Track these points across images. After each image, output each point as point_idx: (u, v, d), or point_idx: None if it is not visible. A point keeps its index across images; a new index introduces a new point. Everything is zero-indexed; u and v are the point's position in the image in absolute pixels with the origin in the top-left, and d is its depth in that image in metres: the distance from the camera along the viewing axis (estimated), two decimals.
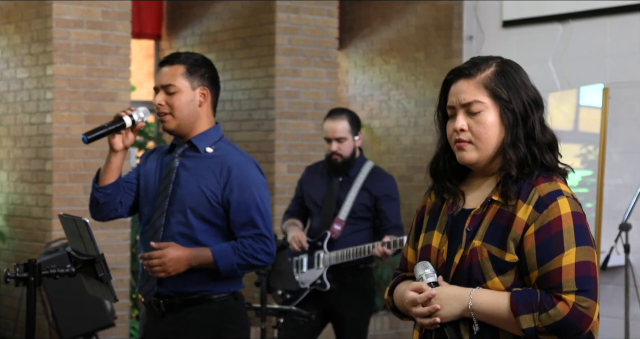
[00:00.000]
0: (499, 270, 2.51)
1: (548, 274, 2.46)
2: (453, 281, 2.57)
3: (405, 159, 8.77)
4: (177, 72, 3.81)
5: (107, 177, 3.82)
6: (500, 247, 2.51)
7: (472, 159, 2.58)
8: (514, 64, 2.64)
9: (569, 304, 2.43)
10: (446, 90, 2.65)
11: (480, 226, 2.56)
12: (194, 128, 3.86)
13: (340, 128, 5.43)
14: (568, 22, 7.53)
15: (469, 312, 2.51)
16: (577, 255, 2.46)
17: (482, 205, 2.58)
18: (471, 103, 2.57)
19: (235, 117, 8.03)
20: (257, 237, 3.79)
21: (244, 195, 3.78)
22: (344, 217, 5.45)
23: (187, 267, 3.74)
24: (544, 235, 2.48)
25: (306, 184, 5.66)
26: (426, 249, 2.66)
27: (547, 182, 2.54)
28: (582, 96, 7.41)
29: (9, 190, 7.32)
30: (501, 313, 2.48)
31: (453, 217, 2.63)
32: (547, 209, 2.49)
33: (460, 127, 2.57)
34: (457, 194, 2.65)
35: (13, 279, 3.11)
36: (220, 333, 3.80)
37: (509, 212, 2.53)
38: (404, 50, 8.76)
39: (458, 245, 2.58)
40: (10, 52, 7.29)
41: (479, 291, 2.51)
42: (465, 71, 2.60)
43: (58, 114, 6.89)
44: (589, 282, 2.45)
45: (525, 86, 2.60)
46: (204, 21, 8.36)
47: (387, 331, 8.05)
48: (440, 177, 2.68)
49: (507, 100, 2.56)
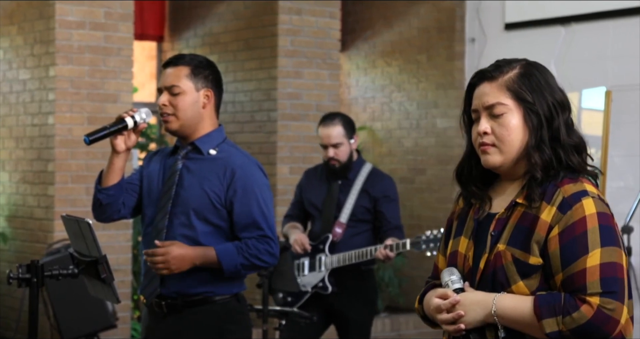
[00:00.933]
0: (523, 274, 2.47)
1: (572, 276, 2.42)
2: (479, 286, 2.54)
3: (406, 161, 8.77)
4: (182, 73, 3.82)
5: (110, 178, 3.83)
6: (523, 250, 2.48)
7: (496, 162, 2.55)
8: (540, 66, 2.61)
9: (593, 307, 2.38)
10: (470, 94, 2.63)
11: (505, 230, 2.53)
12: (197, 129, 3.86)
13: (335, 134, 5.40)
14: (570, 25, 7.53)
15: (493, 317, 2.48)
16: (602, 256, 2.41)
17: (506, 209, 2.55)
18: (494, 105, 2.54)
19: (237, 118, 8.03)
20: (261, 239, 3.79)
21: (247, 197, 3.78)
22: (345, 220, 5.44)
23: (190, 266, 3.74)
24: (567, 236, 2.44)
25: (305, 188, 5.65)
26: (453, 255, 2.64)
27: (572, 183, 2.50)
28: (584, 99, 7.41)
29: (11, 191, 7.32)
30: (525, 318, 2.44)
31: (479, 222, 2.61)
32: (571, 210, 2.45)
33: (484, 130, 2.55)
34: (484, 199, 2.62)
35: (16, 280, 3.12)
36: (222, 334, 3.80)
37: (532, 214, 2.49)
38: (406, 53, 8.76)
39: (483, 250, 2.55)
40: (13, 53, 7.29)
41: (503, 296, 2.48)
42: (488, 74, 2.58)
43: (60, 115, 6.90)
44: (615, 283, 2.40)
45: (551, 87, 2.57)
46: (207, 23, 8.36)
47: (388, 333, 8.05)
48: (466, 182, 2.66)
49: (531, 102, 2.53)
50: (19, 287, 3.15)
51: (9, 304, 7.22)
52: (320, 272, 5.43)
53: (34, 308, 3.12)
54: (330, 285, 5.41)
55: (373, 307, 5.59)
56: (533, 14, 7.76)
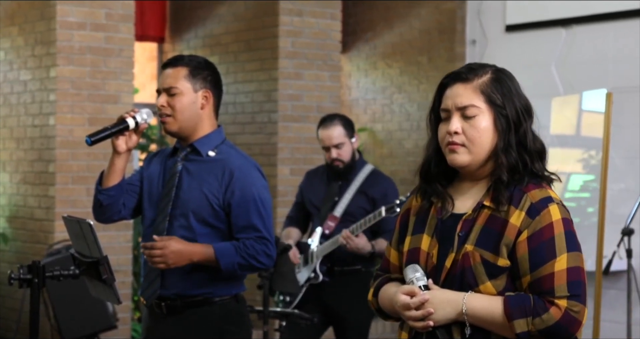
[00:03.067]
0: (491, 275, 2.55)
1: (540, 279, 2.51)
2: (444, 284, 2.60)
3: (407, 163, 8.77)
4: (180, 74, 3.82)
5: (111, 179, 3.83)
6: (493, 253, 2.55)
7: (464, 161, 2.62)
8: (508, 73, 2.70)
9: (561, 309, 2.48)
10: (441, 93, 2.69)
11: (472, 231, 2.59)
12: (195, 130, 3.85)
13: (336, 134, 5.39)
14: (571, 27, 7.53)
15: (463, 316, 2.54)
16: (568, 261, 2.52)
17: (473, 210, 2.62)
18: (467, 107, 2.61)
19: (238, 119, 8.03)
20: (259, 240, 3.79)
21: (245, 198, 3.78)
22: (339, 214, 5.44)
23: (187, 262, 3.74)
24: (536, 241, 2.53)
25: (306, 189, 5.65)
26: (414, 252, 2.68)
27: (537, 189, 2.59)
28: (584, 101, 7.41)
29: (12, 192, 7.32)
30: (495, 318, 2.52)
31: (442, 221, 2.66)
32: (539, 216, 2.54)
33: (455, 130, 2.61)
34: (445, 198, 2.68)
35: (17, 280, 3.12)
36: (222, 335, 3.80)
37: (501, 218, 2.57)
38: (407, 54, 8.76)
39: (449, 249, 2.61)
40: (14, 54, 7.30)
41: (472, 296, 2.55)
42: (463, 75, 2.65)
43: (61, 116, 6.90)
44: (579, 287, 2.51)
45: (519, 94, 2.65)
46: (207, 24, 8.37)
47: (388, 335, 8.05)
48: (431, 179, 2.73)
49: (501, 106, 2.61)
50: (20, 288, 3.15)
51: (9, 305, 7.22)
52: (312, 263, 5.43)
53: (35, 308, 3.12)
54: (322, 274, 5.40)
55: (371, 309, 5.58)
56: (534, 16, 7.76)
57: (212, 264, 3.75)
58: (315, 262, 5.43)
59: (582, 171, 7.31)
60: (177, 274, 3.79)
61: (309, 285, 5.46)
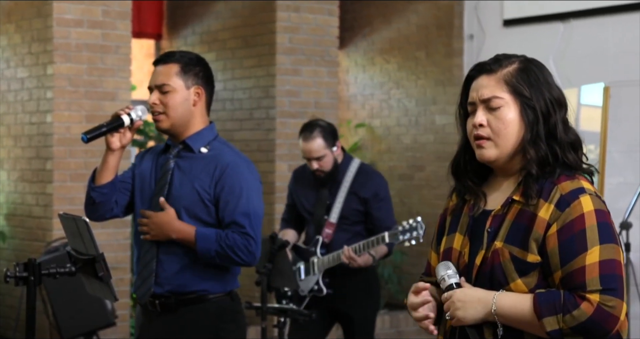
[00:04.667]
0: (521, 271, 2.46)
1: (571, 273, 2.41)
2: (476, 283, 2.52)
3: (405, 158, 8.76)
4: (172, 71, 3.80)
5: (104, 176, 3.82)
6: (521, 248, 2.46)
7: (492, 156, 2.54)
8: (538, 63, 2.60)
9: (593, 304, 2.37)
10: (468, 86, 2.62)
11: (502, 227, 2.51)
12: (188, 127, 3.84)
13: (315, 148, 5.31)
14: (569, 21, 7.52)
15: (493, 316, 2.46)
16: (601, 253, 2.40)
17: (502, 205, 2.54)
18: (491, 98, 2.53)
19: (235, 116, 8.02)
20: (243, 235, 3.77)
21: (233, 194, 3.77)
22: (335, 220, 5.40)
23: (166, 237, 3.76)
24: (566, 234, 2.43)
25: (296, 193, 5.61)
26: (448, 251, 2.62)
27: (569, 180, 2.49)
28: (583, 95, 7.40)
29: (10, 189, 7.31)
30: (525, 316, 2.43)
31: (474, 218, 2.59)
32: (569, 208, 2.44)
33: (480, 122, 2.53)
34: (478, 195, 2.61)
35: (13, 278, 3.11)
36: (216, 332, 3.80)
37: (530, 212, 2.48)
38: (405, 49, 8.75)
39: (479, 247, 2.54)
40: (11, 52, 7.29)
41: (502, 295, 2.46)
42: (487, 67, 2.58)
43: (58, 114, 6.89)
44: (615, 280, 2.39)
45: (549, 84, 2.56)
46: (205, 20, 8.36)
47: (387, 330, 8.05)
48: (462, 176, 2.65)
49: (528, 97, 2.52)
50: (16, 285, 3.14)
51: (8, 303, 7.22)
52: (314, 275, 5.41)
53: (31, 306, 3.11)
54: (325, 287, 5.39)
55: (377, 304, 5.58)
56: (531, 11, 7.75)
57: (190, 245, 3.75)
58: (318, 275, 5.40)
59: None
60: (170, 271, 3.79)
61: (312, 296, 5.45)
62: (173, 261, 3.81)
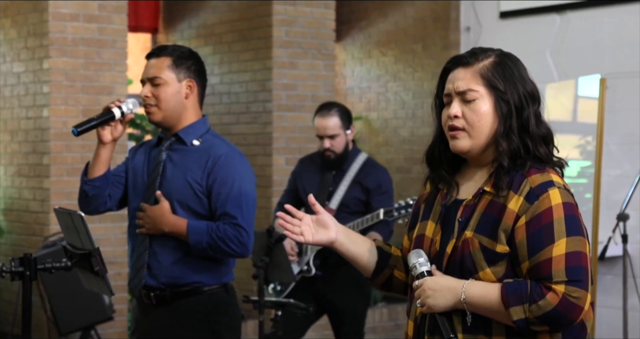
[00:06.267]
0: (490, 261, 2.52)
1: (538, 264, 2.47)
2: (446, 270, 2.59)
3: (403, 151, 8.76)
4: (164, 64, 3.83)
5: (96, 169, 3.84)
6: (491, 238, 2.53)
7: (465, 146, 2.60)
8: (513, 57, 2.66)
9: (558, 295, 2.44)
10: (444, 78, 2.68)
11: (472, 217, 2.58)
12: (180, 120, 3.86)
13: (331, 125, 5.37)
14: (565, 13, 7.51)
15: (462, 304, 2.53)
16: (567, 245, 2.47)
17: (474, 196, 2.60)
18: (466, 91, 2.59)
19: (232, 109, 8.01)
20: (234, 226, 3.78)
21: (225, 186, 3.79)
22: (335, 206, 5.43)
23: (160, 231, 3.79)
24: (534, 226, 2.49)
25: (300, 177, 5.64)
26: (420, 238, 2.69)
27: (539, 173, 2.56)
28: (580, 87, 7.39)
29: (7, 184, 7.31)
30: (493, 305, 2.49)
31: (446, 207, 2.66)
32: (538, 200, 2.50)
33: (455, 114, 2.59)
34: (451, 184, 2.67)
35: (9, 273, 3.11)
36: (211, 324, 3.82)
37: (500, 203, 2.54)
38: (402, 42, 8.74)
39: (450, 235, 2.60)
40: (7, 46, 7.28)
41: (472, 284, 2.52)
42: (464, 60, 2.63)
43: (55, 108, 6.88)
44: (580, 272, 2.46)
45: (523, 78, 2.62)
46: (201, 14, 8.34)
47: (385, 322, 8.05)
48: (436, 166, 2.71)
49: (502, 91, 2.58)
50: (12, 280, 3.14)
51: (6, 298, 7.22)
52: (306, 255, 5.42)
53: (27, 301, 3.11)
54: (315, 268, 5.39)
55: (367, 296, 5.58)
56: (528, 3, 7.74)
57: (182, 238, 3.77)
58: (309, 255, 5.42)
59: (579, 157, 7.30)
60: (164, 264, 3.81)
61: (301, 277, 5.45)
62: (167, 253, 3.82)
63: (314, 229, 2.78)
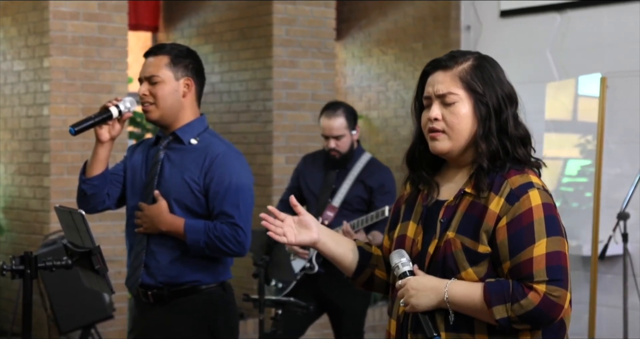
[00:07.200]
0: (472, 261, 2.57)
1: (520, 264, 2.52)
2: (428, 270, 2.62)
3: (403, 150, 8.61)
4: (161, 62, 3.83)
5: (94, 168, 3.84)
6: (473, 239, 2.57)
7: (445, 148, 2.64)
8: (491, 60, 2.71)
9: (539, 294, 2.48)
10: (424, 81, 2.73)
11: (454, 218, 2.62)
12: (177, 119, 3.86)
13: (337, 125, 5.38)
14: (566, 12, 7.51)
15: (445, 303, 2.56)
16: (547, 245, 2.52)
17: (455, 197, 2.64)
18: (446, 94, 2.64)
19: (232, 108, 8.01)
20: (231, 225, 3.78)
21: (222, 185, 3.79)
22: (338, 204, 5.44)
23: (157, 230, 3.79)
24: (515, 227, 2.54)
25: (303, 175, 5.64)
26: (401, 238, 2.72)
27: (519, 174, 2.60)
28: (580, 86, 7.39)
29: (7, 183, 7.31)
30: (475, 304, 2.53)
31: (427, 208, 2.69)
32: (518, 202, 2.55)
33: (435, 116, 2.64)
34: (432, 185, 2.71)
35: (9, 271, 3.11)
36: (209, 323, 3.82)
37: (481, 204, 2.59)
38: (402, 41, 8.74)
39: (432, 236, 2.64)
40: (7, 45, 7.28)
41: (454, 283, 2.56)
42: (443, 63, 2.69)
43: (55, 107, 6.88)
44: (560, 271, 2.51)
45: (501, 81, 2.67)
46: (201, 13, 8.34)
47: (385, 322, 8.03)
48: (417, 167, 2.76)
49: (481, 93, 2.63)
50: (13, 279, 3.15)
51: (6, 296, 7.22)
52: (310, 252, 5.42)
53: (28, 299, 3.11)
54: (318, 265, 5.40)
55: (367, 297, 5.58)
56: (528, 2, 7.74)
57: (180, 237, 3.77)
58: (312, 252, 5.42)
59: (579, 156, 7.30)
60: (162, 262, 3.81)
61: (303, 274, 5.46)
62: (164, 252, 3.83)
63: (297, 230, 2.81)
